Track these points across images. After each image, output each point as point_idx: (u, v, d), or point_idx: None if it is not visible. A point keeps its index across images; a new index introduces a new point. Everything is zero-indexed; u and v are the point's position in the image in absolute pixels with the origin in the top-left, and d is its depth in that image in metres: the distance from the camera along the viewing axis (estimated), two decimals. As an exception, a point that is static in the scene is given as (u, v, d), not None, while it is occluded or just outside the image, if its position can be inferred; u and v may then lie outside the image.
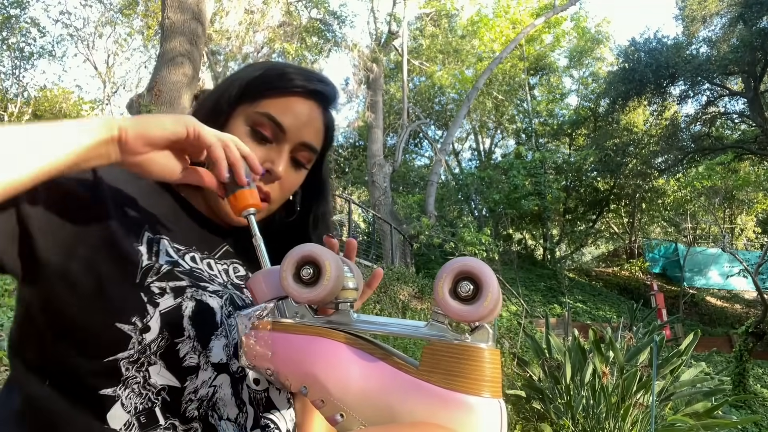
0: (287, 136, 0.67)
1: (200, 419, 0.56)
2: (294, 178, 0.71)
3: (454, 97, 18.81)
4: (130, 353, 0.53)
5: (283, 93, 0.68)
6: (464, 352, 0.45)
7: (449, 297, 0.45)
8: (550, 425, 3.00)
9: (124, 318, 0.54)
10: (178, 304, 0.57)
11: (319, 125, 0.71)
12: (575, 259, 17.92)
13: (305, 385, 0.49)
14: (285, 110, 0.67)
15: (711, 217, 14.57)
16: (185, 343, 0.56)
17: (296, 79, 0.69)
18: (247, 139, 0.66)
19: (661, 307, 9.47)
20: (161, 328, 0.55)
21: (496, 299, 0.44)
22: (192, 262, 0.64)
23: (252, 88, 0.68)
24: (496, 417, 0.44)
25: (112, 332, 0.53)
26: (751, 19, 12.21)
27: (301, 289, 0.49)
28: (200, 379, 0.56)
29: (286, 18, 13.12)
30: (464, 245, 9.32)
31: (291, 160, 0.69)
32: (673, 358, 3.10)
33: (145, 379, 0.54)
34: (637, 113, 16.66)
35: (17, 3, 13.27)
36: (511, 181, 14.07)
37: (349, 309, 0.51)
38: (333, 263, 0.49)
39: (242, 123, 0.67)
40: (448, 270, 0.45)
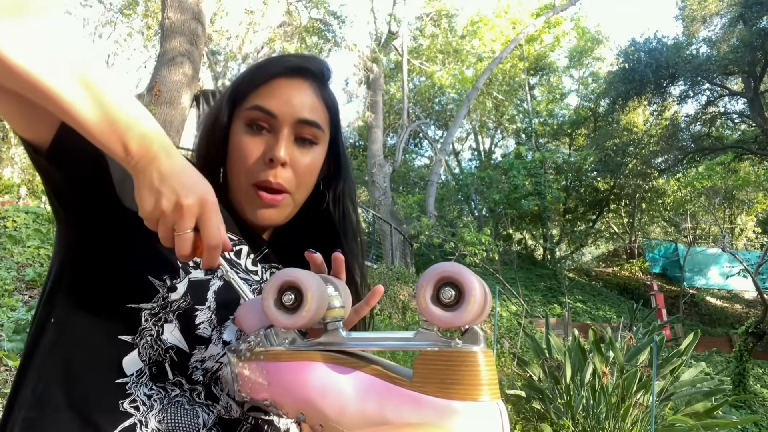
0: (280, 119, 0.66)
1: (204, 386, 0.59)
2: (305, 158, 0.69)
3: (454, 97, 18.81)
4: (152, 306, 0.57)
5: (266, 80, 0.68)
6: (457, 358, 0.45)
7: (432, 305, 0.44)
8: (550, 425, 2.99)
9: (158, 274, 0.58)
10: (207, 279, 0.61)
11: (313, 100, 0.69)
12: (575, 259, 17.92)
13: (302, 412, 0.49)
14: (269, 95, 0.67)
15: (711, 217, 14.57)
16: (203, 313, 0.59)
17: (276, 63, 0.69)
18: (246, 137, 0.67)
19: (661, 307, 9.47)
20: (186, 291, 0.59)
21: (481, 301, 0.43)
22: (236, 256, 0.66)
23: (240, 90, 0.69)
24: (497, 420, 0.44)
25: (144, 283, 0.58)
26: (751, 19, 12.20)
27: (284, 316, 0.49)
28: (209, 352, 0.59)
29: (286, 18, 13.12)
30: (464, 245, 9.31)
31: (296, 140, 0.68)
32: (673, 358, 3.10)
33: (158, 334, 0.57)
34: (637, 113, 16.65)
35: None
36: (511, 181, 14.07)
37: (339, 328, 0.51)
38: (314, 286, 0.49)
39: (240, 124, 0.68)
40: (428, 277, 0.44)
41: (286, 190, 0.67)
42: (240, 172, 0.67)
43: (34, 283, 3.84)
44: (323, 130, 0.70)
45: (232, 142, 0.68)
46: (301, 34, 13.60)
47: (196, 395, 0.58)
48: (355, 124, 18.44)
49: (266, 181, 0.66)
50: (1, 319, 3.16)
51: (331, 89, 0.74)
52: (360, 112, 17.21)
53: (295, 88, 0.68)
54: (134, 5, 14.62)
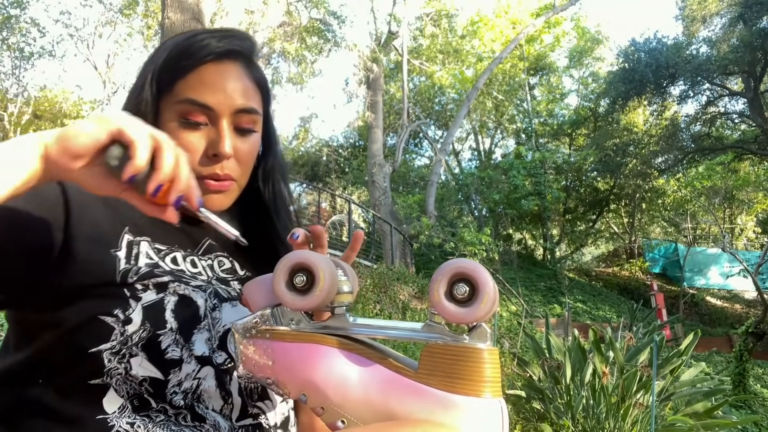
0: (217, 111, 0.63)
1: (187, 408, 0.57)
2: (246, 147, 0.67)
3: (454, 97, 18.81)
4: (112, 344, 0.54)
5: (193, 68, 0.63)
6: (463, 353, 0.45)
7: (445, 299, 0.44)
8: (550, 425, 2.99)
9: (107, 311, 0.54)
10: (160, 298, 0.57)
11: (246, 83, 0.66)
12: (575, 259, 17.92)
13: (305, 393, 0.49)
14: (202, 86, 0.63)
15: (711, 217, 14.56)
16: (167, 336, 0.56)
17: (202, 45, 0.64)
18: (183, 133, 0.63)
19: (661, 307, 9.46)
20: (143, 320, 0.55)
21: (493, 299, 0.44)
22: (173, 263, 0.63)
23: (164, 76, 0.64)
24: (497, 417, 0.45)
25: (95, 324, 0.54)
26: (751, 19, 12.20)
27: (295, 297, 0.48)
28: (184, 372, 0.57)
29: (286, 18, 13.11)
30: (464, 245, 9.32)
31: (235, 130, 0.65)
32: (673, 358, 3.10)
33: (126, 371, 0.54)
34: (637, 113, 16.65)
35: (17, 3, 13.27)
36: (511, 181, 14.07)
37: (345, 313, 0.51)
38: (326, 270, 0.48)
39: (170, 120, 0.64)
40: (443, 272, 0.45)
41: (232, 178, 0.66)
42: None
43: (34, 283, 3.84)
44: (259, 114, 0.68)
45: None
46: (301, 34, 13.59)
47: (182, 418, 0.57)
48: (355, 124, 18.43)
49: (213, 175, 0.64)
50: (1, 319, 3.15)
51: (258, 65, 0.71)
52: (360, 112, 17.21)
53: (226, 74, 0.64)
54: (134, 5, 14.62)
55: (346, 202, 12.17)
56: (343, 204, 13.98)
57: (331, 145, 20.88)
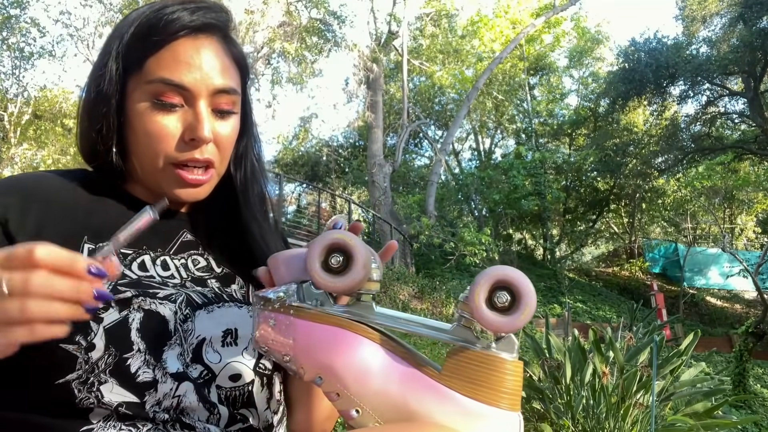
0: (194, 92, 0.58)
1: (174, 420, 0.53)
2: (226, 130, 0.62)
3: (454, 97, 18.81)
4: (78, 374, 0.50)
5: (166, 43, 0.57)
6: (488, 362, 0.44)
7: (484, 306, 0.43)
8: (550, 425, 2.99)
9: (68, 338, 0.48)
10: (123, 317, 0.52)
11: (224, 61, 0.61)
12: (575, 259, 17.92)
13: (321, 376, 0.48)
14: (177, 64, 0.57)
15: (711, 217, 14.57)
16: (136, 358, 0.52)
17: (173, 21, 0.57)
18: (157, 114, 0.57)
19: (661, 307, 9.46)
20: (107, 344, 0.51)
21: (533, 310, 0.43)
22: (140, 269, 0.58)
23: (132, 53, 0.58)
24: (515, 429, 0.44)
25: (59, 354, 0.50)
26: (751, 19, 12.21)
27: (329, 278, 0.47)
28: (161, 392, 0.53)
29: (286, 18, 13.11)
30: (464, 245, 9.32)
31: (213, 112, 0.60)
32: (673, 358, 3.10)
33: (98, 399, 0.50)
34: (637, 113, 16.65)
35: (17, 3, 13.27)
36: (511, 181, 14.07)
37: (371, 301, 0.50)
38: (363, 254, 0.47)
39: (141, 100, 0.58)
40: (486, 278, 0.44)
41: (213, 165, 0.61)
42: (152, 153, 0.58)
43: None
44: (238, 93, 0.63)
45: (136, 120, 0.58)
46: (301, 34, 13.60)
47: (170, 426, 0.53)
48: (355, 124, 18.43)
49: (192, 159, 0.59)
50: None
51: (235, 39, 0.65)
52: (360, 112, 17.21)
53: (203, 51, 0.58)
54: (134, 5, 14.63)
55: (346, 202, 12.18)
56: (343, 204, 13.99)
57: (331, 145, 20.87)
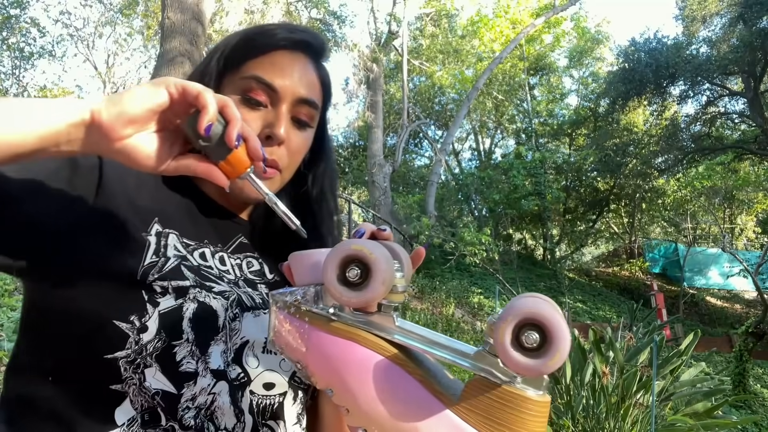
0: (281, 94, 0.62)
1: (196, 429, 0.54)
2: (299, 139, 0.66)
3: (454, 97, 18.80)
4: (127, 353, 0.52)
5: (267, 50, 0.63)
6: (510, 399, 0.40)
7: (509, 346, 0.39)
8: (550, 425, 2.99)
9: (123, 316, 0.52)
10: (179, 305, 0.54)
11: (312, 78, 0.66)
12: (575, 259, 17.91)
13: (332, 389, 0.46)
14: (272, 68, 0.62)
15: (711, 217, 14.57)
16: (183, 347, 0.54)
17: (278, 32, 0.64)
18: (242, 109, 0.62)
19: (661, 307, 9.46)
20: (159, 329, 0.52)
21: (565, 355, 0.38)
22: (201, 258, 0.61)
23: (235, 54, 0.64)
24: None
25: (111, 329, 0.52)
26: (751, 19, 12.20)
27: (346, 292, 0.44)
28: (199, 386, 0.54)
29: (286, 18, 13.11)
30: (464, 245, 9.32)
31: (292, 120, 0.65)
32: (673, 358, 3.10)
33: (140, 381, 0.52)
34: (637, 113, 16.65)
35: (17, 3, 13.26)
36: (511, 181, 14.07)
37: (393, 313, 0.46)
38: (383, 264, 0.43)
39: (231, 94, 0.62)
40: (514, 313, 0.39)
41: (278, 167, 0.64)
42: None
43: (34, 283, 3.84)
44: (318, 109, 0.67)
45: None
46: (301, 34, 13.58)
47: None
48: (355, 124, 18.42)
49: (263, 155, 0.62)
50: (1, 319, 3.15)
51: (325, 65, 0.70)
52: (360, 112, 17.21)
53: (297, 63, 0.64)
54: (134, 5, 14.62)
55: (346, 202, 12.17)
56: (342, 204, 13.98)
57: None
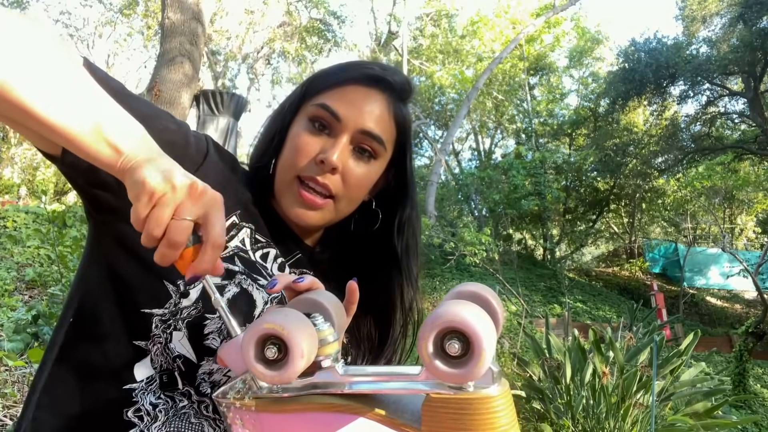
0: (343, 124, 0.64)
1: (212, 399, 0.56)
2: (359, 169, 0.66)
3: (454, 97, 18.79)
4: (163, 312, 0.56)
5: (341, 83, 0.66)
6: (468, 405, 0.39)
7: (434, 359, 0.39)
8: (550, 425, 2.99)
9: (172, 277, 0.56)
10: (223, 284, 0.58)
11: (382, 112, 0.66)
12: (575, 259, 17.91)
13: None
14: (341, 98, 0.65)
15: (711, 217, 14.56)
16: (213, 322, 0.57)
17: (356, 68, 0.68)
18: (305, 133, 0.65)
19: (661, 307, 9.46)
20: (198, 298, 0.56)
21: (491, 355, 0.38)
22: (262, 259, 0.63)
23: (313, 86, 0.68)
24: None
25: (157, 286, 0.56)
26: (751, 19, 12.20)
27: (268, 371, 0.43)
28: (217, 365, 0.57)
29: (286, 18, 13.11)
30: (464, 245, 9.31)
31: (354, 149, 0.66)
32: (673, 358, 3.10)
33: (166, 341, 0.56)
34: (637, 113, 16.65)
35: (17, 3, 13.27)
36: (511, 181, 14.06)
37: (334, 365, 0.46)
38: (298, 333, 0.42)
39: (303, 118, 0.67)
40: (431, 326, 0.39)
41: (331, 193, 0.64)
42: (288, 165, 0.65)
43: (33, 283, 3.84)
44: (385, 147, 0.67)
45: (291, 134, 0.67)
46: (301, 34, 13.59)
47: (204, 408, 0.57)
48: (355, 124, 18.41)
49: (311, 178, 0.63)
50: (1, 319, 3.16)
51: (408, 108, 0.71)
52: (360, 112, 17.18)
53: (367, 97, 0.65)
54: (134, 5, 14.62)
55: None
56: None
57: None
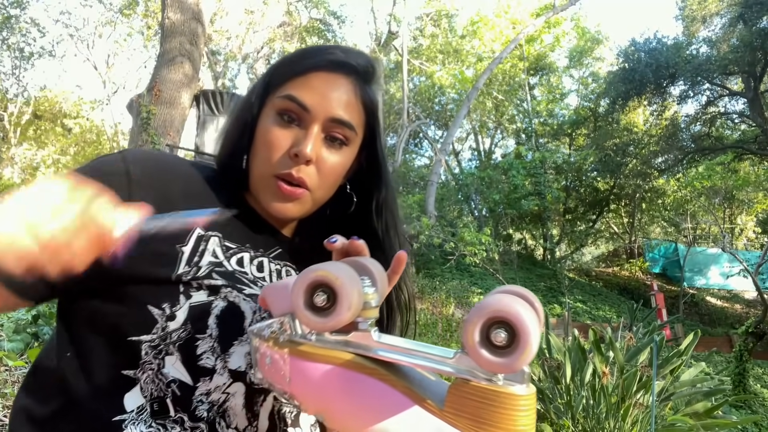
0: (312, 114, 0.63)
1: (207, 422, 0.55)
2: (332, 157, 0.65)
3: (454, 97, 18.80)
4: (152, 338, 0.54)
5: (305, 71, 0.64)
6: (495, 398, 0.40)
7: (479, 346, 0.39)
8: (550, 425, 2.99)
9: (157, 302, 0.54)
10: (209, 301, 0.56)
11: (350, 98, 0.65)
12: (575, 259, 17.91)
13: (322, 415, 0.47)
14: (306, 87, 0.63)
15: (711, 217, 14.57)
16: (205, 341, 0.55)
17: (318, 54, 0.65)
18: (275, 127, 0.64)
19: (661, 307, 9.46)
20: (186, 319, 0.55)
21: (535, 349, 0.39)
22: (238, 264, 0.62)
23: (277, 75, 0.66)
24: None
25: (143, 313, 0.54)
26: (751, 19, 12.20)
27: (315, 318, 0.44)
28: (214, 383, 0.55)
29: (286, 18, 13.11)
30: (464, 245, 9.31)
31: (326, 138, 0.65)
32: (673, 358, 3.10)
33: (159, 367, 0.54)
34: (637, 113, 16.65)
35: (17, 3, 13.27)
36: (511, 181, 14.06)
37: (370, 329, 0.47)
38: (349, 286, 0.43)
39: (270, 112, 0.65)
40: (480, 313, 0.39)
41: (306, 186, 0.64)
42: (263, 162, 0.64)
43: (34, 283, 3.84)
44: (356, 132, 0.67)
45: (260, 129, 0.65)
46: (301, 34, 13.59)
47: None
48: (355, 124, 18.39)
49: (288, 174, 0.63)
50: (1, 319, 3.16)
51: (374, 89, 0.70)
52: (360, 112, 17.17)
53: (333, 83, 0.64)
54: (134, 5, 14.63)
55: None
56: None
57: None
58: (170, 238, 0.57)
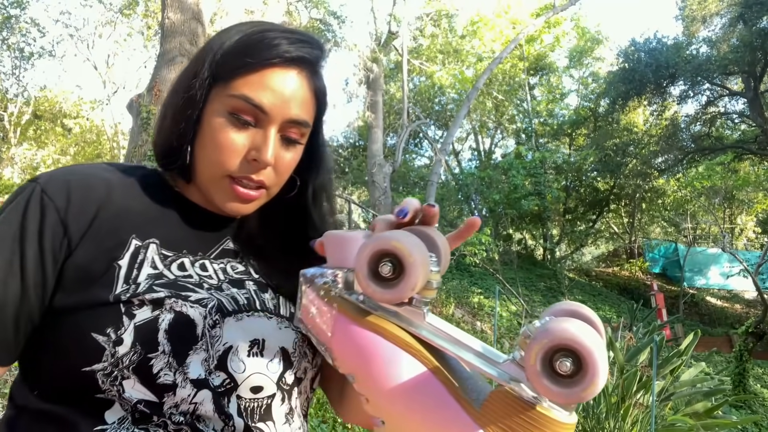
0: (270, 116, 0.60)
1: (188, 424, 0.54)
2: (288, 157, 0.64)
3: (454, 97, 18.79)
4: (104, 365, 0.52)
5: (259, 67, 0.60)
6: (538, 419, 0.38)
7: (540, 370, 0.36)
8: (550, 425, 2.99)
9: (99, 328, 0.52)
10: (155, 316, 0.54)
11: (305, 94, 0.63)
12: (575, 259, 17.91)
13: (354, 376, 0.45)
14: (262, 88, 0.60)
15: (711, 217, 14.57)
16: (159, 359, 0.53)
17: (272, 47, 0.60)
18: (230, 129, 0.60)
19: (661, 307, 9.47)
20: (134, 341, 0.52)
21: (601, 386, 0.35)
22: (179, 269, 0.60)
23: (225, 66, 0.61)
24: None
25: (88, 342, 0.52)
26: (751, 19, 12.20)
27: (375, 286, 0.42)
28: (179, 396, 0.53)
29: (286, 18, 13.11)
30: (464, 245, 9.31)
31: (281, 139, 0.63)
32: (673, 358, 3.10)
33: (119, 393, 0.52)
34: (637, 113, 16.66)
35: (17, 3, 13.27)
36: (511, 181, 14.06)
37: (424, 308, 0.44)
38: (419, 262, 0.41)
39: (219, 111, 0.61)
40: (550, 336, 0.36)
41: (265, 186, 0.63)
42: (214, 163, 0.61)
43: (34, 283, 3.84)
44: (309, 126, 0.65)
45: (209, 126, 0.61)
46: (301, 34, 13.57)
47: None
48: (355, 124, 18.44)
49: (246, 178, 0.61)
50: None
51: (322, 73, 0.67)
52: (360, 112, 17.22)
53: (290, 82, 0.61)
54: (134, 5, 14.63)
55: (346, 202, 12.16)
56: (343, 204, 13.98)
57: (330, 145, 20.70)
58: (104, 253, 0.56)
